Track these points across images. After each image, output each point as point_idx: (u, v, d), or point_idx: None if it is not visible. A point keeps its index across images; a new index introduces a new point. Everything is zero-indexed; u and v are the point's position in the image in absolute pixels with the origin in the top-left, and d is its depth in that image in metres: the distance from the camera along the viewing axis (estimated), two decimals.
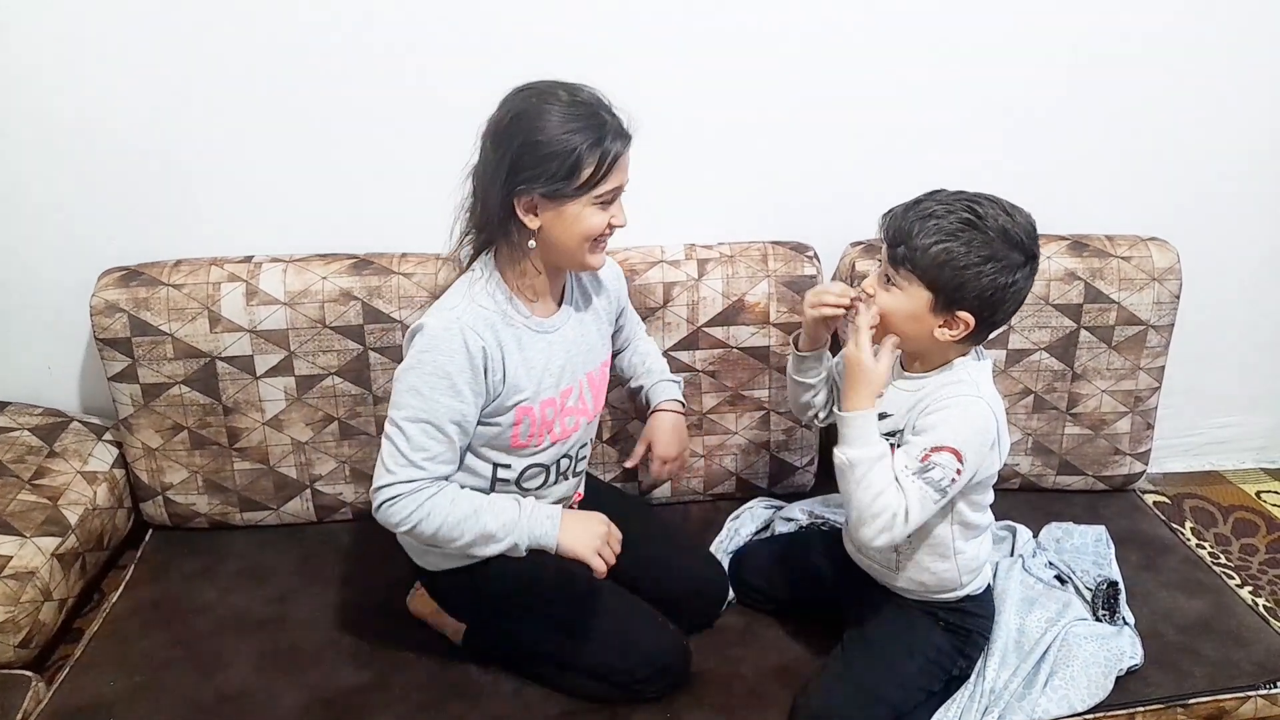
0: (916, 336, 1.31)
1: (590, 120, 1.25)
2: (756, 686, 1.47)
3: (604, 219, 1.30)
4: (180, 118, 1.70)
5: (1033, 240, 1.25)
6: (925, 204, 1.27)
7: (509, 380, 1.33)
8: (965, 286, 1.24)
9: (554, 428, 1.42)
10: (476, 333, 1.29)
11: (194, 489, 1.77)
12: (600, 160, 1.25)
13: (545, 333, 1.39)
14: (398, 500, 1.29)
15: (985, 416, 1.29)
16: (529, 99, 1.26)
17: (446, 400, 1.28)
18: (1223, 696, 1.46)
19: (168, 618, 1.61)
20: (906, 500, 1.25)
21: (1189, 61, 1.85)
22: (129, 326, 1.65)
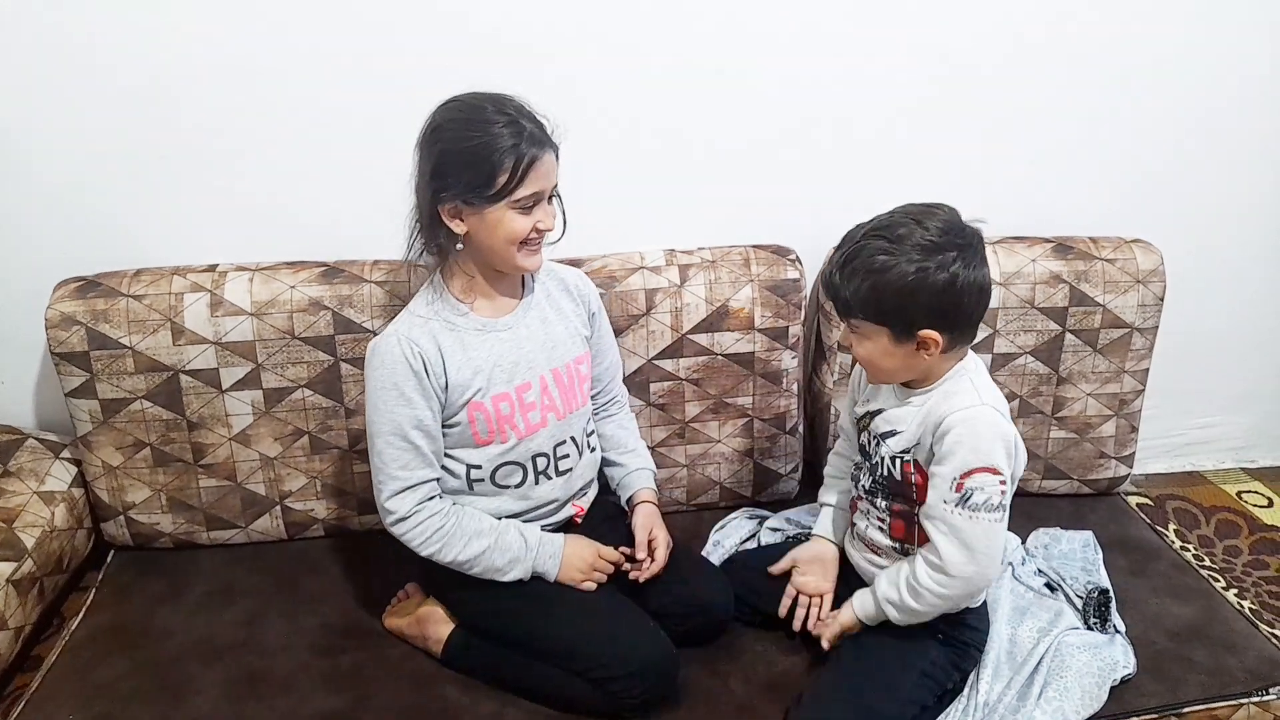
0: (903, 368, 1.33)
1: (507, 128, 1.29)
2: (746, 702, 1.43)
3: (527, 223, 1.34)
4: (139, 122, 1.63)
5: (953, 234, 1.24)
6: (842, 249, 1.31)
7: (453, 380, 1.40)
8: (908, 308, 1.25)
9: (515, 423, 1.45)
10: (411, 340, 1.37)
11: (157, 508, 1.70)
12: (515, 167, 1.29)
13: (492, 331, 1.44)
14: (404, 528, 1.41)
15: (994, 421, 1.29)
16: (451, 110, 1.33)
17: (401, 410, 1.38)
18: (1216, 705, 1.44)
19: (131, 644, 1.53)
20: (960, 536, 1.28)
21: (1172, 66, 1.85)
22: (87, 340, 1.58)
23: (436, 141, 1.32)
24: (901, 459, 1.36)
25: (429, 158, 1.33)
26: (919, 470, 1.35)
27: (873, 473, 1.42)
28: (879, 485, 1.42)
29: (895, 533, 1.42)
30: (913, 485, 1.36)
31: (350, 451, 1.71)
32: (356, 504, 1.75)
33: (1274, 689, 1.45)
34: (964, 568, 1.29)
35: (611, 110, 1.73)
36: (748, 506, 1.84)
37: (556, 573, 1.46)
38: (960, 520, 1.28)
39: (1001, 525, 1.30)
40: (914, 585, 1.34)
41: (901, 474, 1.36)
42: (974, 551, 1.29)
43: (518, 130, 1.29)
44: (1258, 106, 1.91)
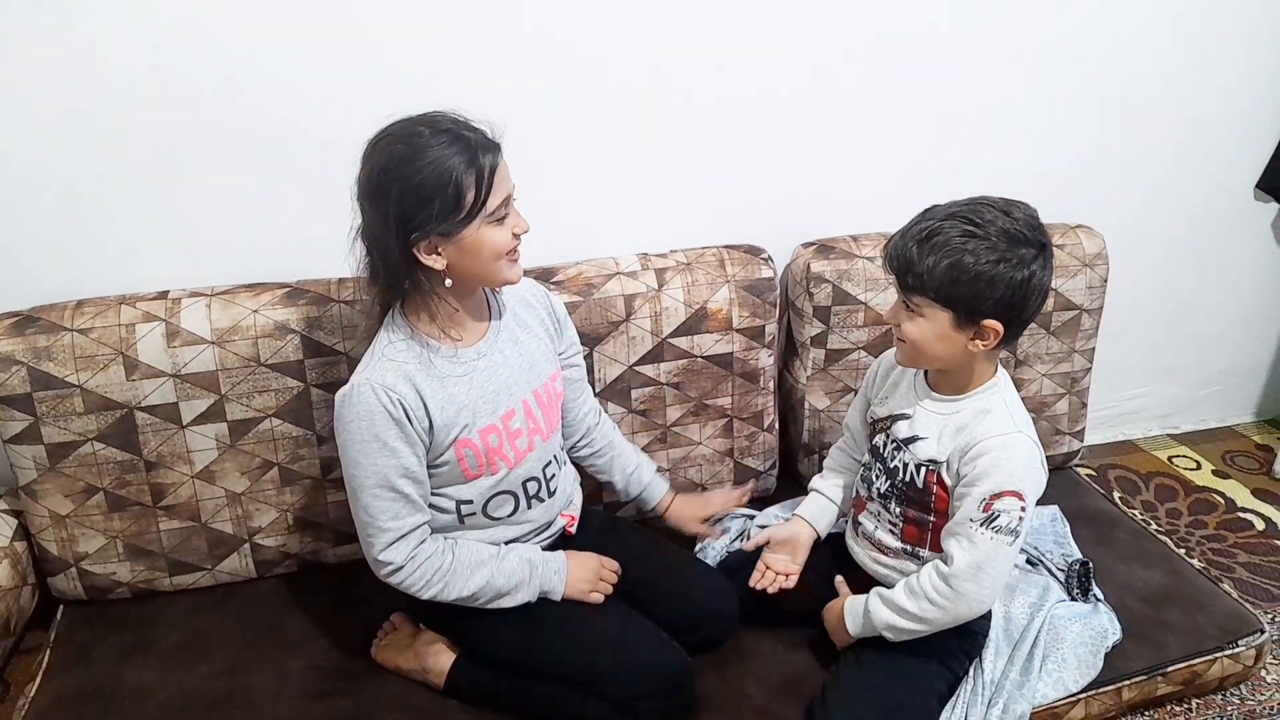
0: (950, 355, 1.31)
1: (455, 145, 1.22)
2: (766, 705, 1.43)
3: (506, 233, 1.28)
4: (70, 142, 1.49)
5: (1036, 231, 1.26)
6: (921, 224, 1.27)
7: (437, 422, 1.31)
8: (981, 295, 1.24)
9: (504, 452, 1.39)
10: (387, 388, 1.27)
11: (113, 556, 1.57)
12: (479, 180, 1.23)
13: (471, 366, 1.36)
14: (402, 577, 1.34)
15: (1030, 451, 1.31)
16: (390, 146, 1.23)
17: (384, 460, 1.29)
18: (1195, 661, 1.53)
19: (103, 707, 1.41)
20: (977, 553, 1.29)
21: (1108, 65, 1.95)
22: (28, 380, 1.44)
23: (389, 184, 1.21)
24: (927, 468, 1.37)
25: (386, 202, 1.21)
26: (941, 483, 1.36)
27: (890, 477, 1.43)
28: (896, 490, 1.42)
29: (906, 537, 1.44)
30: (933, 495, 1.37)
31: (324, 480, 1.62)
32: (331, 536, 1.66)
33: (1242, 641, 1.56)
34: (967, 584, 1.31)
35: (580, 118, 1.70)
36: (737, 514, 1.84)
37: (563, 590, 1.42)
38: (981, 539, 1.30)
39: (1012, 551, 1.31)
40: (914, 588, 1.35)
41: (924, 483, 1.37)
42: (983, 572, 1.31)
43: (465, 144, 1.22)
44: (1180, 101, 2.03)
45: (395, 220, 1.21)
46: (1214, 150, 2.11)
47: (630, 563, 1.52)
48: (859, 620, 1.41)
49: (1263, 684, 1.62)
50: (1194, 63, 2.00)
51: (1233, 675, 1.58)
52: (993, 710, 1.41)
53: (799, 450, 1.91)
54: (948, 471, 1.35)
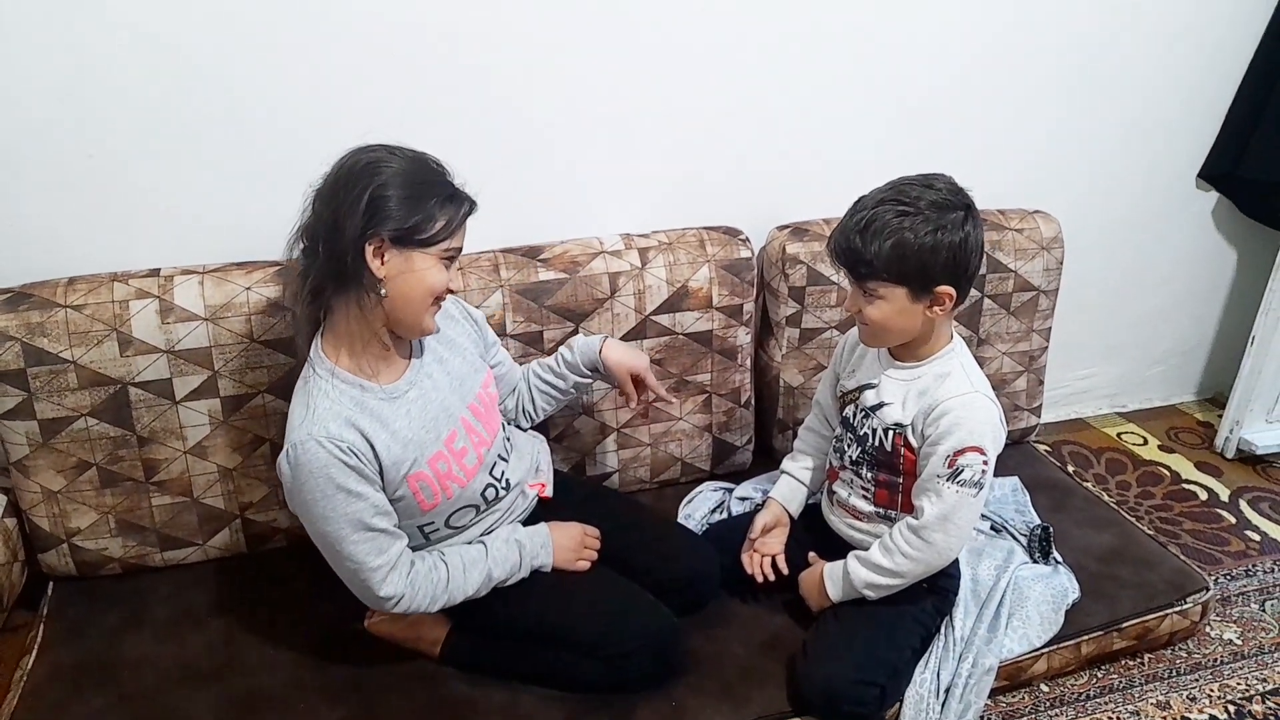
0: (912, 328, 1.40)
1: (440, 179, 1.28)
2: (750, 663, 1.50)
3: (445, 278, 1.30)
4: (61, 120, 1.50)
5: (959, 195, 1.35)
6: (857, 216, 1.36)
7: (385, 462, 1.31)
8: (928, 265, 1.32)
9: (454, 474, 1.40)
10: (334, 439, 1.25)
11: (105, 532, 1.58)
12: (450, 217, 1.27)
13: (400, 396, 1.35)
14: (406, 603, 1.35)
15: (987, 408, 1.40)
16: (375, 152, 1.26)
17: (354, 506, 1.28)
18: (1148, 618, 1.64)
19: (102, 679, 1.43)
20: (944, 505, 1.38)
21: (1065, 56, 2.04)
22: (22, 356, 1.45)
23: (375, 175, 1.23)
24: (894, 431, 1.45)
25: (354, 195, 1.21)
26: (907, 445, 1.44)
27: (861, 444, 1.50)
28: (867, 456, 1.50)
29: (879, 500, 1.52)
30: (900, 457, 1.45)
31: None
32: None
33: (1190, 597, 1.67)
34: (936, 534, 1.40)
35: (562, 102, 1.74)
36: (708, 480, 1.91)
37: (552, 561, 1.48)
38: (948, 492, 1.39)
39: (978, 502, 1.41)
40: (888, 544, 1.44)
41: (892, 446, 1.45)
42: (950, 522, 1.40)
43: (449, 183, 1.28)
44: (1134, 90, 2.14)
45: (365, 207, 1.21)
46: (1159, 140, 2.22)
47: (614, 529, 1.57)
48: (839, 584, 1.49)
49: (1207, 639, 1.73)
50: (1141, 56, 2.10)
51: (1181, 630, 1.69)
52: (963, 664, 1.50)
53: (773, 426, 1.98)
54: (913, 433, 1.43)
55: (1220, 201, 2.35)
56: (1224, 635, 1.75)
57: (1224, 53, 2.17)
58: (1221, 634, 1.75)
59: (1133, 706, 1.58)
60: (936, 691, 1.47)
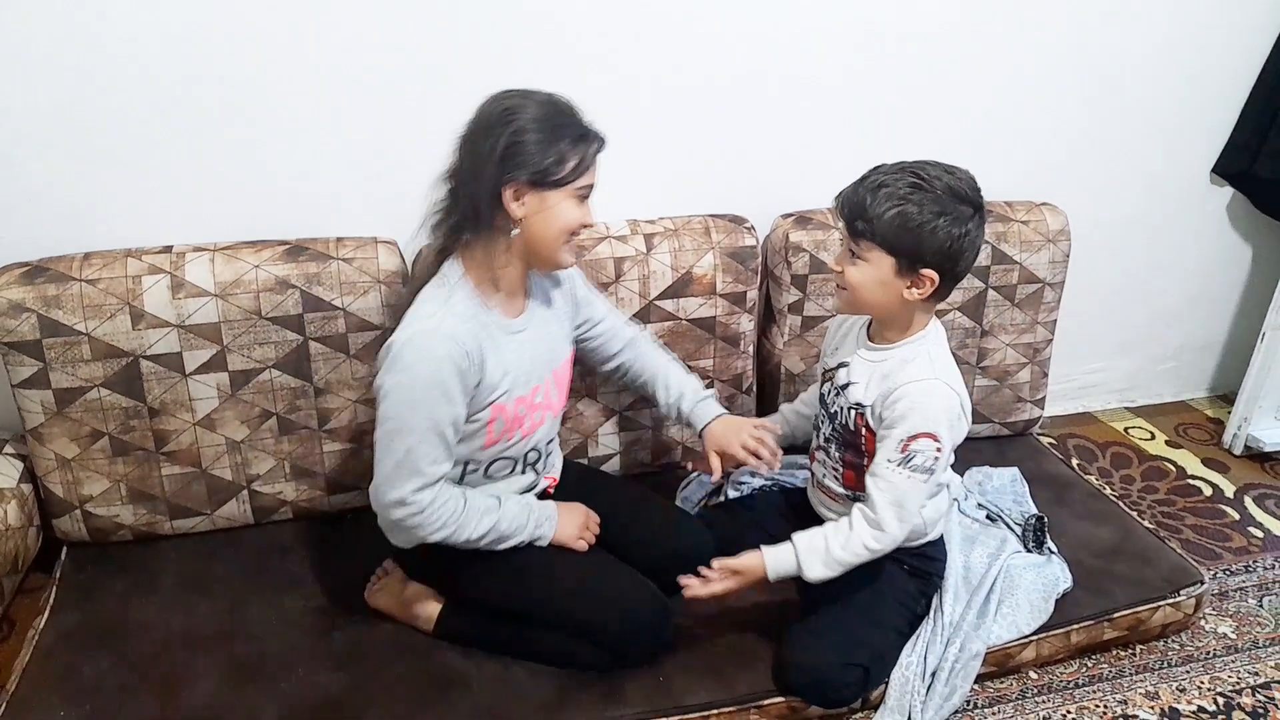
0: (888, 302, 1.39)
1: (571, 119, 1.34)
2: (740, 645, 1.52)
3: (580, 214, 1.37)
4: (78, 99, 1.54)
5: (976, 193, 1.35)
6: (872, 177, 1.36)
7: (486, 380, 1.38)
8: (924, 244, 1.33)
9: (524, 424, 1.47)
10: (457, 339, 1.33)
11: (117, 499, 1.63)
12: (582, 156, 1.33)
13: (515, 333, 1.43)
14: (420, 520, 1.36)
15: (946, 395, 1.39)
16: (514, 98, 1.33)
17: (443, 408, 1.34)
18: (1139, 609, 1.64)
19: (107, 640, 1.48)
20: (895, 492, 1.39)
21: (1076, 48, 2.03)
22: (38, 327, 1.50)
23: (509, 123, 1.30)
24: (856, 410, 1.46)
25: (493, 141, 1.29)
26: (868, 427, 1.45)
27: (831, 422, 1.52)
28: (835, 434, 1.52)
29: (847, 481, 1.53)
30: (863, 437, 1.46)
31: (319, 431, 1.69)
32: (325, 484, 1.73)
33: (1184, 591, 1.67)
34: (893, 524, 1.40)
35: (576, 91, 1.75)
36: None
37: (552, 535, 1.50)
38: (899, 478, 1.39)
39: (927, 487, 1.41)
40: (845, 534, 1.42)
41: (855, 426, 1.46)
42: (903, 509, 1.40)
43: (580, 124, 1.35)
44: (1149, 86, 2.13)
45: (501, 153, 1.29)
46: (1172, 136, 2.21)
47: (611, 511, 1.60)
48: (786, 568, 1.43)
49: (1201, 632, 1.73)
50: (1156, 52, 2.09)
51: (1174, 623, 1.69)
52: (950, 649, 1.51)
53: (775, 412, 2.00)
54: (873, 416, 1.44)
55: (1235, 198, 2.33)
56: (1219, 629, 1.74)
57: (1240, 49, 2.16)
58: (1216, 628, 1.75)
59: (1121, 696, 1.58)
60: (923, 674, 1.49)
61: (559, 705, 1.41)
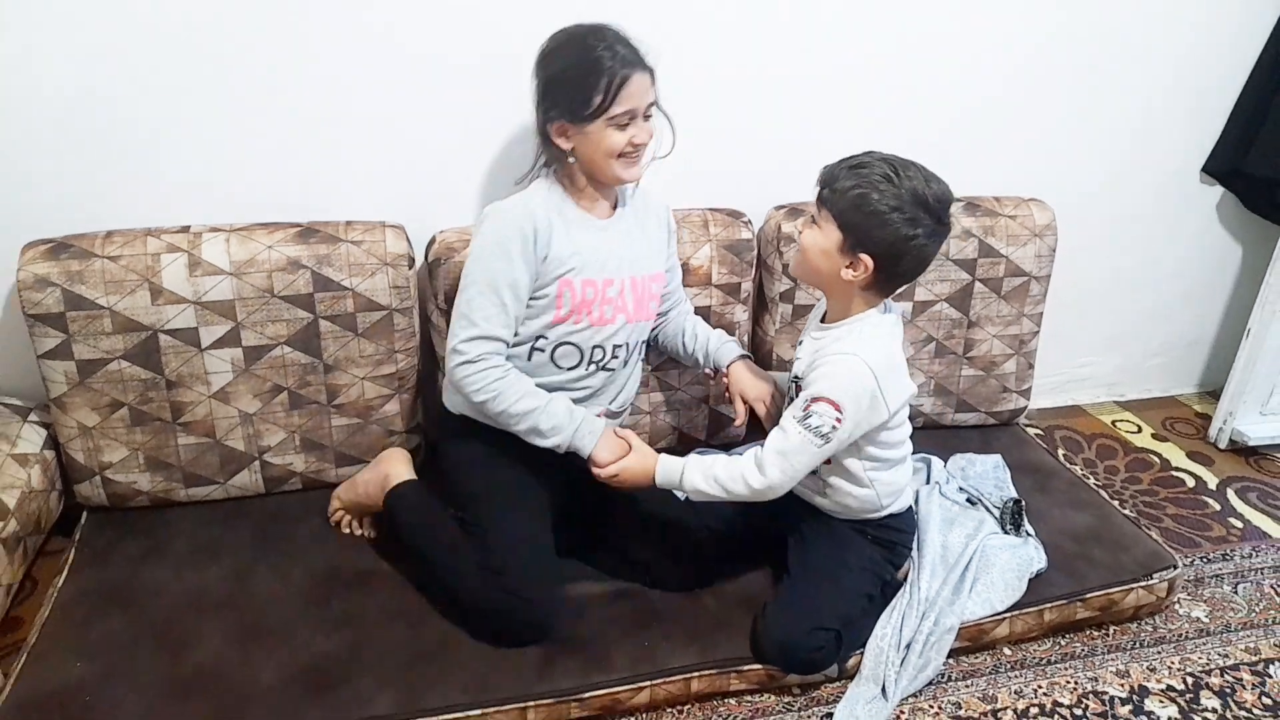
0: (826, 273, 1.46)
1: (603, 53, 1.45)
2: (721, 615, 1.59)
3: (623, 138, 1.50)
4: (103, 84, 1.62)
5: (942, 207, 1.40)
6: (857, 158, 1.43)
7: (554, 252, 1.53)
8: (871, 231, 1.39)
9: (592, 310, 1.58)
10: (529, 210, 1.52)
11: (135, 467, 1.71)
12: (607, 88, 1.45)
13: (594, 228, 1.59)
14: (466, 371, 1.51)
15: (860, 374, 1.43)
16: (558, 39, 1.50)
17: (500, 265, 1.50)
18: (1112, 590, 1.70)
19: (121, 600, 1.56)
20: (787, 443, 1.45)
21: (1063, 47, 2.09)
22: (62, 301, 1.58)
23: (545, 68, 1.49)
24: (795, 383, 1.53)
25: (538, 84, 1.50)
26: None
27: (789, 396, 1.60)
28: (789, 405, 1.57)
29: None
30: None
31: (328, 405, 1.77)
32: (334, 457, 1.81)
33: (1156, 574, 1.73)
34: (774, 471, 1.46)
35: None
36: (701, 448, 2.00)
37: (592, 449, 1.54)
38: (793, 431, 1.45)
39: (819, 452, 1.45)
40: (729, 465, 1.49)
41: (796, 395, 1.52)
42: (786, 459, 1.45)
43: (612, 54, 1.45)
44: (1132, 86, 2.18)
45: (540, 99, 1.51)
46: (1163, 135, 2.26)
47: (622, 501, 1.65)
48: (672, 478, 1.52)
49: (1175, 615, 1.79)
50: (1147, 50, 2.14)
51: (1147, 605, 1.74)
52: (925, 622, 1.58)
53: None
54: (803, 385, 1.49)
55: (1225, 196, 2.38)
56: (1192, 613, 1.80)
57: (1230, 49, 2.21)
58: (1190, 612, 1.80)
59: (1092, 674, 1.64)
60: (897, 646, 1.55)
61: (546, 668, 1.48)
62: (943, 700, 1.57)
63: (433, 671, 1.46)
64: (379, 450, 1.80)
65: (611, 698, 1.48)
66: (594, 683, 1.47)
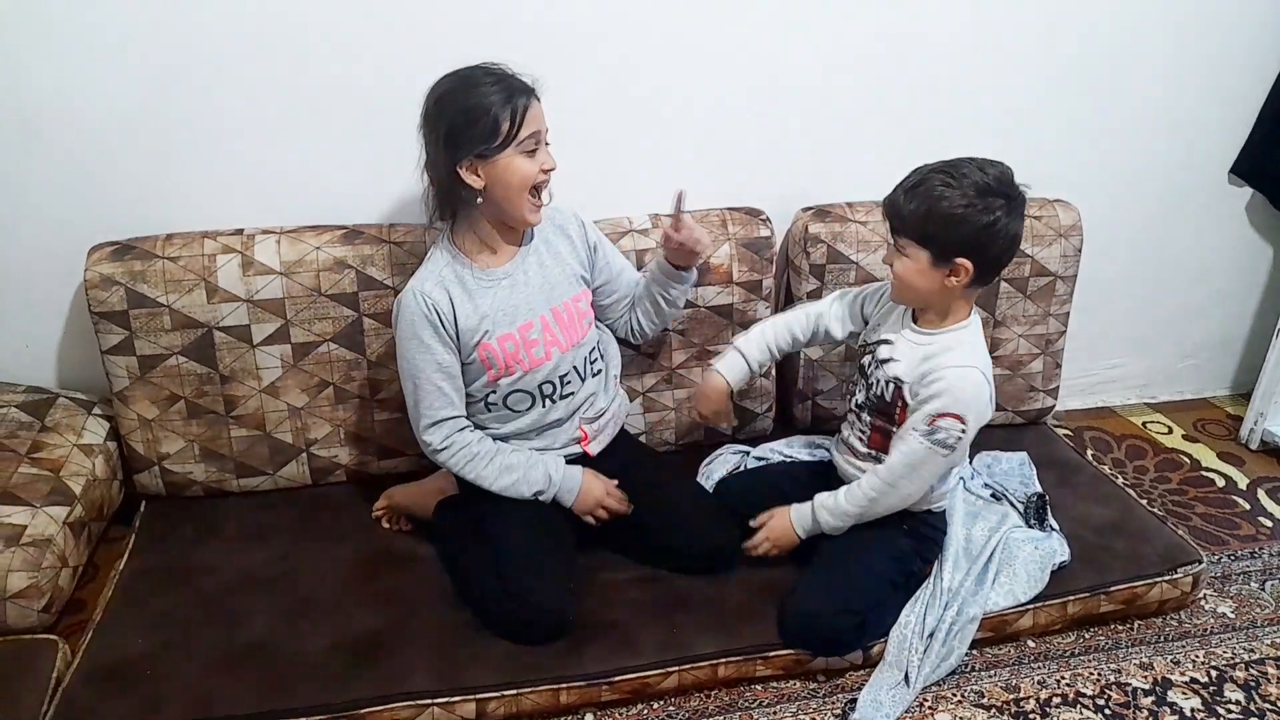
0: (930, 290, 1.52)
1: (497, 85, 1.50)
2: (747, 602, 1.63)
3: (533, 166, 1.54)
4: (165, 94, 1.73)
5: (1005, 184, 1.46)
6: (910, 179, 1.50)
7: (462, 326, 1.59)
8: (952, 234, 1.45)
9: (520, 358, 1.63)
10: (424, 293, 1.56)
11: (190, 458, 1.81)
12: (513, 115, 1.49)
13: (495, 282, 1.62)
14: (442, 458, 1.63)
15: (979, 383, 1.52)
16: (446, 84, 1.53)
17: (421, 356, 1.58)
18: (1136, 584, 1.72)
19: (178, 581, 1.65)
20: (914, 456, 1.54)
21: (1091, 51, 2.12)
22: (125, 299, 1.68)
23: (443, 112, 1.50)
24: (896, 383, 1.58)
25: (440, 127, 1.50)
26: (904, 400, 1.57)
27: (868, 391, 1.65)
28: (870, 402, 1.64)
29: (872, 443, 1.66)
30: (897, 408, 1.59)
31: (371, 400, 1.85)
32: (375, 450, 1.89)
33: (1180, 569, 1.74)
34: (901, 481, 1.56)
35: (600, 90, 1.90)
36: (729, 443, 2.05)
37: (572, 504, 1.67)
38: (920, 447, 1.53)
39: (945, 462, 1.56)
40: (851, 489, 1.60)
41: (892, 398, 1.59)
42: (916, 472, 1.56)
43: (506, 85, 1.50)
44: (1160, 86, 2.20)
45: (445, 140, 1.50)
46: (1191, 136, 2.27)
47: (648, 500, 1.72)
48: (806, 523, 1.64)
49: (1200, 610, 1.80)
50: (1174, 50, 2.16)
51: (1172, 600, 1.76)
52: (948, 612, 1.61)
53: (793, 395, 2.11)
54: (909, 392, 1.56)
55: (1255, 197, 2.38)
56: (1218, 609, 1.81)
57: (1257, 49, 2.21)
58: (1216, 607, 1.81)
59: (1115, 666, 1.66)
60: (921, 634, 1.59)
61: (576, 653, 1.53)
62: (965, 689, 1.60)
63: (470, 650, 1.53)
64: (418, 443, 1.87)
65: (641, 682, 1.53)
66: (624, 667, 1.52)
